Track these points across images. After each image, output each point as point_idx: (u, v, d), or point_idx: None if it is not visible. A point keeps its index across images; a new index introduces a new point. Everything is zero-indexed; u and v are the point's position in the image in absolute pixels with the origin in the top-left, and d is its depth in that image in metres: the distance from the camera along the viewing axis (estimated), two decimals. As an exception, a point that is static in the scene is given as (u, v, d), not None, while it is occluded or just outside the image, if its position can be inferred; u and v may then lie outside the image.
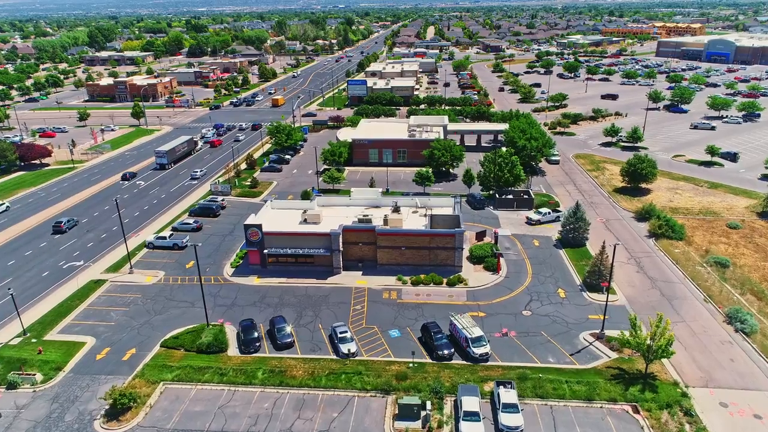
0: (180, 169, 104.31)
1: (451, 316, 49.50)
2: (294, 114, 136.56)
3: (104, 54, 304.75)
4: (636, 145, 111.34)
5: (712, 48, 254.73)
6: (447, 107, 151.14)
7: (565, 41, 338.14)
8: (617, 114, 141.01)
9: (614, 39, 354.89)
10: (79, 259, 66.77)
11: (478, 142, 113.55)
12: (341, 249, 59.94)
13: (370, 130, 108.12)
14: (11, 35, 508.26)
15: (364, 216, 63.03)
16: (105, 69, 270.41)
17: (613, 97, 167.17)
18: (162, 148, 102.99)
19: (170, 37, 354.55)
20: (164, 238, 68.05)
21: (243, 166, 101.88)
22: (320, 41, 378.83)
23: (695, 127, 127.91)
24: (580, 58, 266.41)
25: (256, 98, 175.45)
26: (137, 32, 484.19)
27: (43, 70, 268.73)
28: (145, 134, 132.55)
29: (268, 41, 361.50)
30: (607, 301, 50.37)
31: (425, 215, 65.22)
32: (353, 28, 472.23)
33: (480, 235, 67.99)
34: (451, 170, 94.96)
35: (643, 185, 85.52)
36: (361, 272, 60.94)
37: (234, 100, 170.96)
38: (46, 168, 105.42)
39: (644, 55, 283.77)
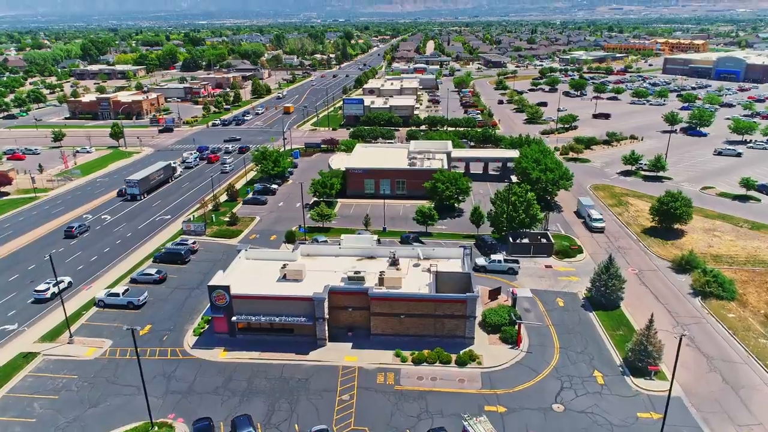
0: (154, 199, 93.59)
1: (464, 420, 38.46)
2: (285, 136, 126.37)
3: (95, 67, 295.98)
4: (659, 174, 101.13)
5: (722, 66, 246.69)
6: (449, 128, 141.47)
7: (568, 57, 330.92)
8: (632, 138, 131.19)
9: (618, 55, 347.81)
10: (13, 321, 55.69)
11: (484, 170, 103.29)
12: (326, 317, 49.01)
13: (366, 157, 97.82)
14: (7, 47, 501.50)
15: (355, 273, 52.25)
16: (94, 83, 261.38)
17: (606, 116, 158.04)
18: (133, 176, 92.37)
19: (164, 51, 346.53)
20: (117, 294, 57.02)
21: (223, 197, 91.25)
22: (318, 55, 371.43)
23: (719, 153, 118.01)
24: (585, 75, 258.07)
25: (247, 117, 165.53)
26: (134, 45, 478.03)
27: (31, 84, 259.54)
28: (122, 157, 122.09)
29: (265, 55, 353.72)
30: (668, 397, 39.41)
31: (429, 270, 54.45)
32: (352, 42, 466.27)
33: (494, 293, 57.21)
34: (456, 204, 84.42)
35: (677, 226, 74.99)
36: (350, 344, 49.99)
37: (219, 120, 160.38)
38: (5, 198, 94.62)
39: (650, 72, 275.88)
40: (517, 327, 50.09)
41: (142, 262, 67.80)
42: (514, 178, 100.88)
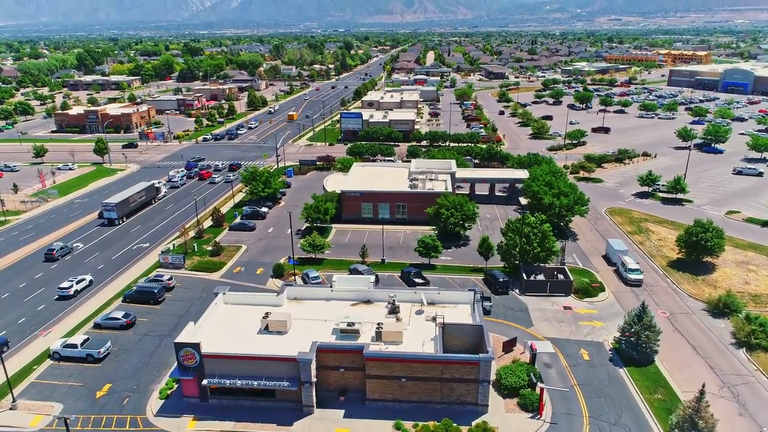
0: (133, 224, 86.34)
1: None
2: (278, 153, 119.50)
3: (88, 78, 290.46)
4: (678, 197, 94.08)
5: (729, 78, 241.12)
6: (452, 144, 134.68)
7: (570, 68, 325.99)
8: (645, 155, 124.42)
9: (621, 66, 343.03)
10: (-48, 378, 48.14)
11: (491, 191, 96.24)
12: (314, 380, 41.56)
13: (364, 178, 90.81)
14: (5, 56, 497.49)
15: (348, 325, 44.90)
16: (87, 94, 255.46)
17: (606, 130, 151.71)
18: (111, 199, 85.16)
19: (161, 61, 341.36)
20: (75, 345, 49.55)
21: (207, 222, 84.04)
22: (317, 66, 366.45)
23: (739, 173, 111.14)
24: (589, 87, 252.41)
25: (240, 131, 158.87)
26: (132, 54, 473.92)
27: (22, 95, 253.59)
28: (104, 175, 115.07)
29: (263, 66, 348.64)
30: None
31: (434, 320, 47.09)
32: (351, 52, 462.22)
33: (509, 344, 49.81)
34: (462, 232, 77.23)
35: (707, 259, 67.74)
36: (342, 412, 42.47)
37: (211, 134, 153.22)
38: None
39: (655, 84, 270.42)
40: (538, 391, 42.63)
41: (111, 302, 60.34)
42: (522, 200, 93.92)
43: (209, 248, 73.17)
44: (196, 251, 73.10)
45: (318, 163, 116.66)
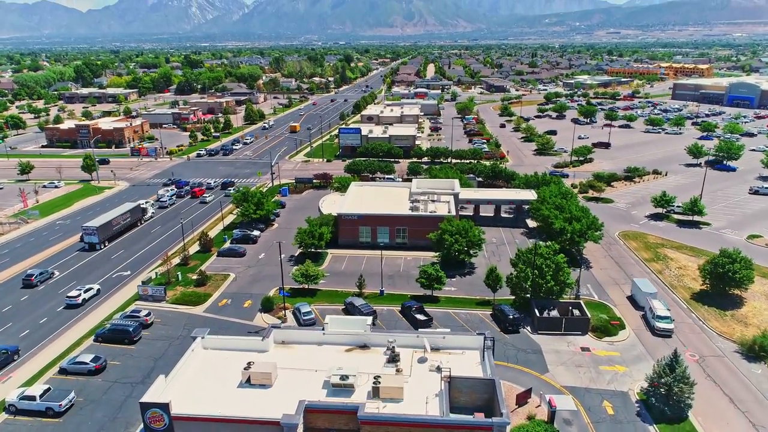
0: (116, 248, 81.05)
1: None
2: (273, 171, 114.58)
3: (85, 91, 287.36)
4: (695, 219, 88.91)
5: (735, 92, 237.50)
6: (454, 160, 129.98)
7: (572, 81, 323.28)
8: (655, 173, 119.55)
9: (623, 80, 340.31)
10: None
11: (496, 212, 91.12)
12: (301, 447, 35.90)
13: (362, 199, 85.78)
14: (4, 69, 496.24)
15: (341, 378, 39.35)
16: (83, 107, 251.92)
17: (606, 145, 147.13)
18: (92, 222, 79.94)
19: (159, 74, 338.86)
20: (33, 398, 43.94)
21: (194, 247, 78.76)
22: (317, 78, 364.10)
23: (755, 192, 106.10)
24: (593, 101, 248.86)
25: (236, 146, 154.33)
26: (131, 67, 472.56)
27: (17, 107, 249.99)
28: (91, 194, 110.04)
29: (262, 79, 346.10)
30: None
31: (438, 370, 41.51)
32: (351, 65, 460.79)
33: (523, 396, 44.24)
34: (467, 259, 71.92)
35: (734, 291, 62.32)
36: (333, 482, 36.72)
37: (205, 150, 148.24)
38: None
39: (659, 98, 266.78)
40: (559, 458, 36.99)
41: (81, 341, 54.83)
42: (530, 223, 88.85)
43: (194, 277, 67.79)
44: (180, 280, 67.71)
45: (315, 181, 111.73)
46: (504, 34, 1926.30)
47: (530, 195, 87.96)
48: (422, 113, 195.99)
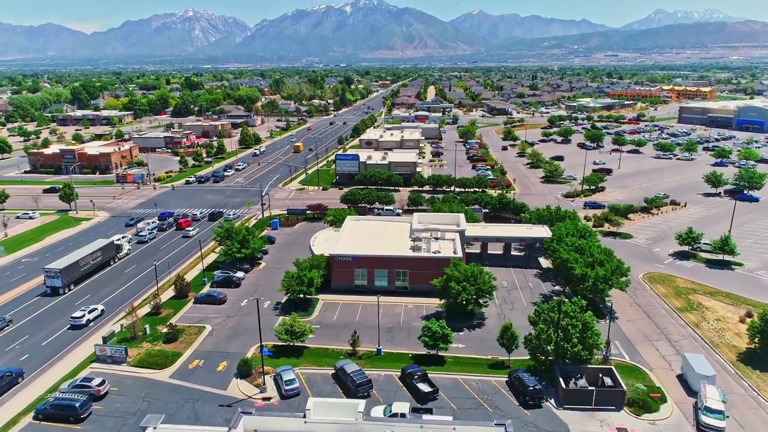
0: (83, 292, 72.51)
1: None
2: (263, 201, 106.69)
3: (79, 113, 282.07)
4: (726, 259, 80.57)
5: (744, 115, 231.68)
6: (457, 189, 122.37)
7: (575, 104, 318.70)
8: (674, 204, 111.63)
9: (626, 102, 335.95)
10: None
11: (506, 250, 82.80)
12: None
13: (358, 236, 77.64)
14: (4, 90, 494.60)
15: (324, 494, 30.53)
16: (76, 129, 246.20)
17: (608, 171, 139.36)
18: (55, 264, 71.57)
19: (156, 95, 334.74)
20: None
21: (169, 293, 70.24)
22: (316, 101, 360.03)
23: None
24: (597, 124, 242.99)
25: (228, 172, 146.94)
26: (131, 89, 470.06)
27: (8, 130, 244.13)
28: (67, 226, 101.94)
29: (260, 101, 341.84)
30: None
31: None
32: (352, 87, 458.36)
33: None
34: (477, 310, 63.33)
35: (787, 352, 53.63)
36: None
37: (194, 177, 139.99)
38: None
39: (665, 121, 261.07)
40: None
41: (18, 419, 45.89)
42: (543, 262, 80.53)
43: (164, 330, 59.12)
44: (148, 335, 59.06)
45: (308, 212, 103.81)
46: (503, 57, 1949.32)
47: (544, 232, 79.83)
48: (423, 137, 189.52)
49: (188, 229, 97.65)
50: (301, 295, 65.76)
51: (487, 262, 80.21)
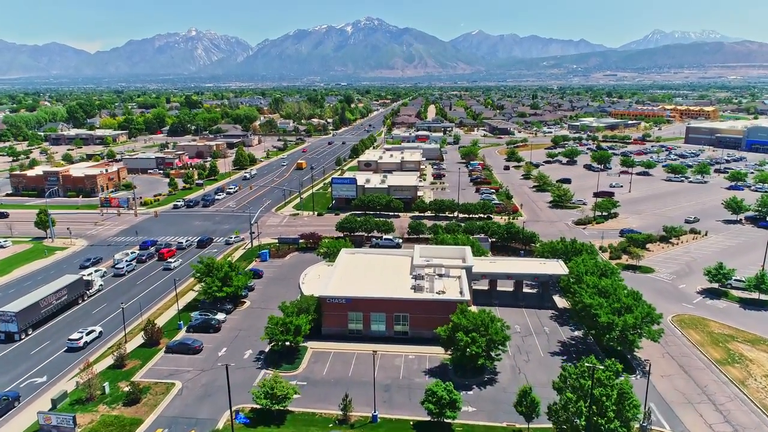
0: (42, 338, 64.35)
1: None
2: (253, 230, 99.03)
3: (72, 132, 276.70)
4: (762, 298, 72.60)
5: (753, 136, 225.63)
6: (461, 215, 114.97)
7: (578, 124, 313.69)
8: (693, 232, 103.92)
9: (630, 122, 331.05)
10: None
11: (516, 287, 74.87)
12: None
13: (353, 273, 69.84)
14: (3, 108, 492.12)
15: None
16: (68, 149, 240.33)
17: (610, 194, 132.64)
18: (10, 306, 63.55)
19: (152, 114, 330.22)
20: None
21: (138, 340, 62.11)
22: (315, 120, 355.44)
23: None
24: (603, 145, 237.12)
25: (219, 195, 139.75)
26: (129, 107, 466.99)
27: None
28: (39, 256, 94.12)
29: (258, 120, 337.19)
30: None
31: None
32: (352, 106, 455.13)
33: None
34: (489, 365, 55.14)
35: None
36: None
37: (183, 200, 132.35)
38: None
39: (671, 142, 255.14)
40: None
41: None
42: (558, 301, 72.61)
43: (126, 388, 50.91)
44: (107, 394, 50.87)
45: (301, 241, 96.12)
46: (503, 77, 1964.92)
47: (559, 268, 72.05)
48: (424, 158, 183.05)
49: (170, 260, 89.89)
50: (288, 343, 57.71)
51: (497, 301, 72.44)
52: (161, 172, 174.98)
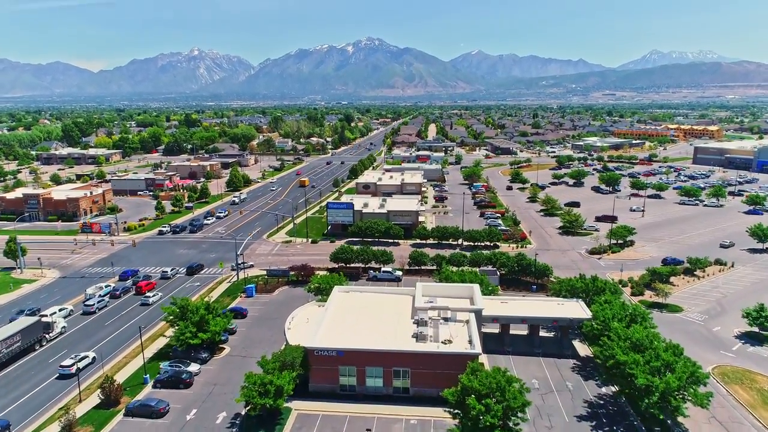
0: (-14, 393, 55.71)
1: None
2: (239, 262, 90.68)
3: (64, 151, 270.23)
4: (811, 345, 64.00)
5: (765, 156, 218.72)
6: (465, 242, 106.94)
7: (581, 143, 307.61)
8: (719, 263, 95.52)
9: (635, 142, 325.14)
10: None
11: (531, 332, 66.30)
12: None
13: (347, 316, 61.39)
14: (1, 127, 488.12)
15: None
16: (59, 168, 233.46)
17: (613, 219, 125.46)
18: (-50, 358, 55.16)
19: (148, 133, 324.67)
20: None
21: (93, 399, 53.35)
22: (314, 139, 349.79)
23: None
24: (609, 165, 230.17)
25: (208, 220, 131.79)
26: (128, 126, 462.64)
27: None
28: (3, 290, 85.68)
29: (256, 139, 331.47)
30: None
31: None
32: (352, 124, 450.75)
33: None
34: (503, 435, 46.37)
35: None
36: None
37: (168, 226, 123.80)
38: None
39: (678, 162, 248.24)
40: None
41: None
42: (579, 347, 64.06)
43: (70, 468, 42.11)
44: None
45: (291, 274, 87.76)
46: (502, 96, 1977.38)
47: (580, 310, 63.60)
48: (425, 180, 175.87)
49: (148, 294, 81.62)
50: (268, 405, 48.99)
51: (510, 348, 63.87)
52: (151, 194, 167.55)
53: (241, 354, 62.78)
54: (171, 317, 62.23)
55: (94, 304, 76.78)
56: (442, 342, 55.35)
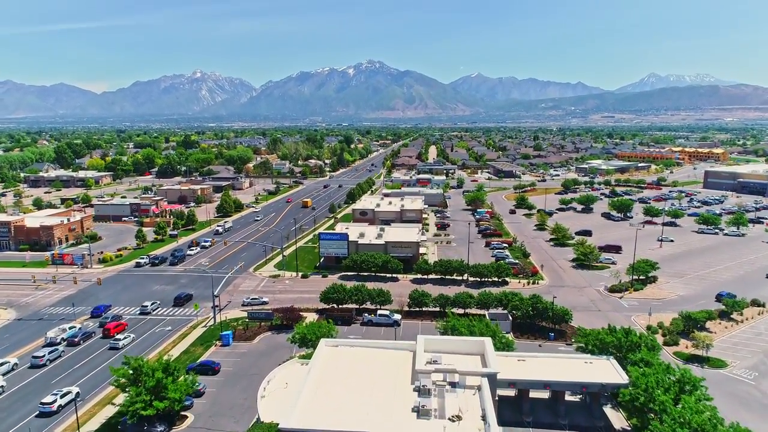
0: None
1: None
2: (216, 302, 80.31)
3: (52, 174, 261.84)
4: None
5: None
6: (471, 278, 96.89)
7: (586, 166, 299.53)
8: (756, 304, 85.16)
9: (640, 165, 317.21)
10: None
11: (555, 399, 55.63)
12: None
13: (333, 381, 50.84)
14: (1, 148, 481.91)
15: None
16: (45, 191, 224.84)
17: (617, 249, 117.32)
18: None
19: (142, 155, 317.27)
20: None
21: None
22: (312, 161, 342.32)
23: None
24: (617, 189, 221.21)
25: (191, 250, 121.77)
26: (125, 147, 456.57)
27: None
28: (-54, 337, 75.31)
29: (253, 161, 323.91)
30: None
31: None
32: (351, 146, 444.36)
33: None
34: None
35: None
36: None
37: (147, 257, 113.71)
38: None
39: (688, 186, 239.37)
40: None
41: None
42: (612, 416, 53.32)
43: None
44: None
45: (275, 317, 77.39)
46: (502, 118, 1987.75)
47: (613, 372, 53.16)
48: (426, 205, 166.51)
49: (119, 337, 71.62)
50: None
51: (529, 419, 53.19)
52: (135, 219, 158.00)
53: (206, 426, 52.13)
54: (122, 380, 51.70)
55: (44, 356, 66.27)
56: (449, 419, 44.79)
